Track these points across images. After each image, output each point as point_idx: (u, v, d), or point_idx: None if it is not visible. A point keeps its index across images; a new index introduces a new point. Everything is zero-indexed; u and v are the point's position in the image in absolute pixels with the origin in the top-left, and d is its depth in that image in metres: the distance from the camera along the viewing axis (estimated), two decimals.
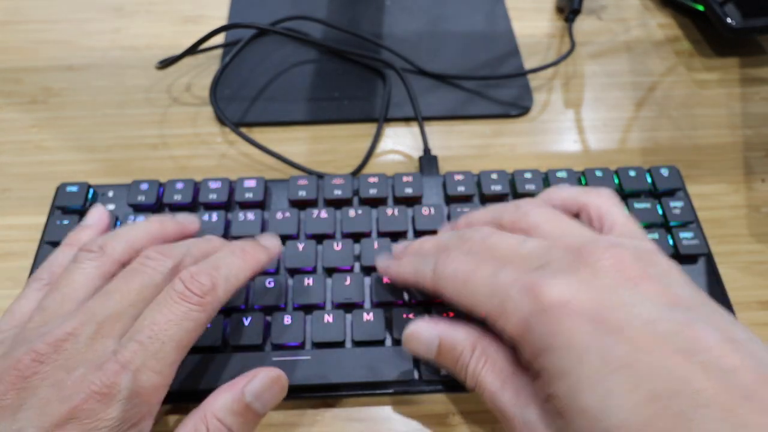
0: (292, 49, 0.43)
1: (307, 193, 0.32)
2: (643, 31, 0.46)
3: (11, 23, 0.46)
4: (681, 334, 0.18)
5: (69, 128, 0.39)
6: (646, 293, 0.20)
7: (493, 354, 0.23)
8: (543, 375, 0.20)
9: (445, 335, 0.24)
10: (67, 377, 0.19)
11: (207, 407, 0.22)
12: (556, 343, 0.19)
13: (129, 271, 0.23)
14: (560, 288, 0.20)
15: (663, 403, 0.17)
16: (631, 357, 0.18)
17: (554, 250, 0.22)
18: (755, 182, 0.37)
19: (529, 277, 0.21)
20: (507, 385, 0.22)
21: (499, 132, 0.39)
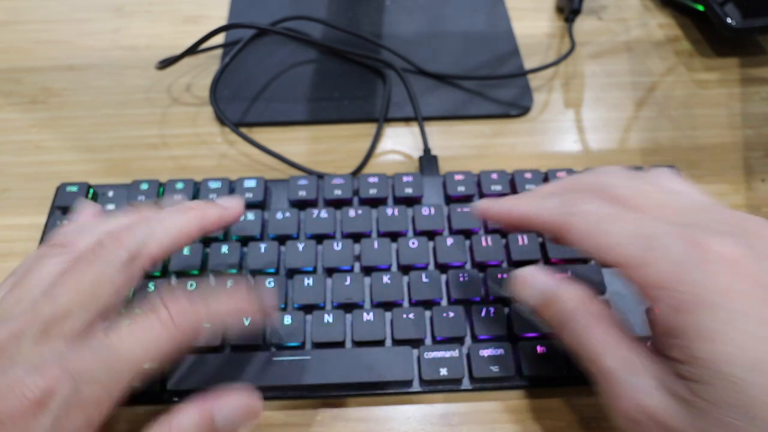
0: (292, 49, 0.43)
1: (307, 193, 0.32)
2: (643, 31, 0.46)
3: (11, 23, 0.46)
4: None
5: (69, 128, 0.39)
6: None
7: (604, 316, 0.21)
8: (686, 334, 0.18)
9: (560, 285, 0.22)
10: (3, 380, 0.18)
11: (172, 422, 0.20)
12: (713, 301, 0.17)
13: (82, 262, 0.21)
14: (729, 246, 0.18)
15: None
16: None
17: (710, 213, 0.20)
18: (755, 182, 0.37)
19: (690, 230, 0.19)
20: (615, 348, 0.20)
21: (499, 132, 0.39)
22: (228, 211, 0.25)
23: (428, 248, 0.31)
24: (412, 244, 0.30)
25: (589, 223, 0.21)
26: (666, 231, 0.19)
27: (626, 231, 0.20)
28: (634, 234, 0.20)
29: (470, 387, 0.27)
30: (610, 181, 0.23)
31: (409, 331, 0.28)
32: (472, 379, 0.27)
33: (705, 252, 0.18)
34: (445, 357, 0.27)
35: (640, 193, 0.22)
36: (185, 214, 0.24)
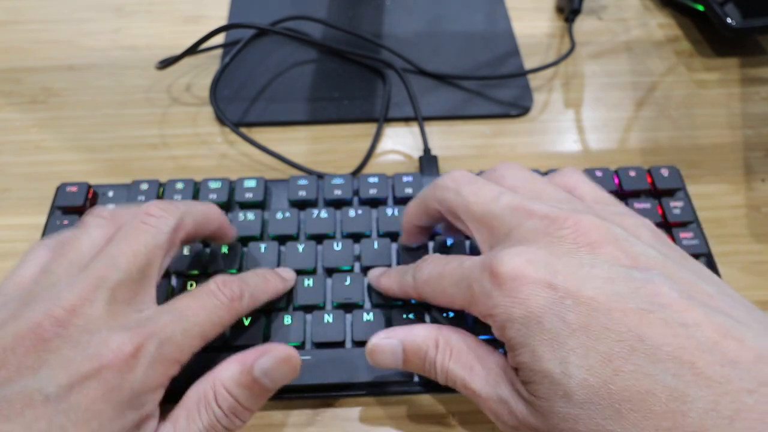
0: (292, 49, 0.43)
1: (307, 193, 0.32)
2: (643, 31, 0.46)
3: (11, 23, 0.46)
4: (639, 291, 0.18)
5: (69, 128, 0.39)
6: (605, 256, 0.20)
7: (456, 343, 0.23)
8: (509, 346, 0.20)
9: (407, 339, 0.24)
10: (91, 338, 0.20)
11: (216, 375, 0.22)
12: (516, 314, 0.20)
13: (131, 229, 0.23)
14: (513, 260, 0.20)
15: (621, 361, 0.17)
16: (588, 318, 0.18)
17: (519, 214, 0.22)
18: (755, 182, 0.37)
19: (488, 256, 0.21)
20: (475, 370, 0.22)
21: (499, 132, 0.39)
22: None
23: (428, 248, 0.31)
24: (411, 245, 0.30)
25: (430, 287, 0.24)
26: (472, 266, 0.22)
27: (451, 283, 0.23)
28: (455, 282, 0.22)
29: None
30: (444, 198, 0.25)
31: None
32: None
33: (496, 274, 0.20)
34: None
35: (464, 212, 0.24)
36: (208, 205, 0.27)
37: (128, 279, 0.21)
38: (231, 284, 0.24)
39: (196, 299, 0.23)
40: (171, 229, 0.23)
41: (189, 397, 0.22)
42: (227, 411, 0.22)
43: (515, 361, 0.20)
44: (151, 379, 0.20)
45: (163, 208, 0.24)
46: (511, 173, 0.25)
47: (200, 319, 0.22)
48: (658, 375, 0.17)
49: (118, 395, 0.19)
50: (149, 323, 0.21)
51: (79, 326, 0.20)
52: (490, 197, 0.23)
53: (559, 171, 0.27)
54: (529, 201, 0.22)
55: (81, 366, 0.19)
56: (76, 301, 0.20)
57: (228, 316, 0.23)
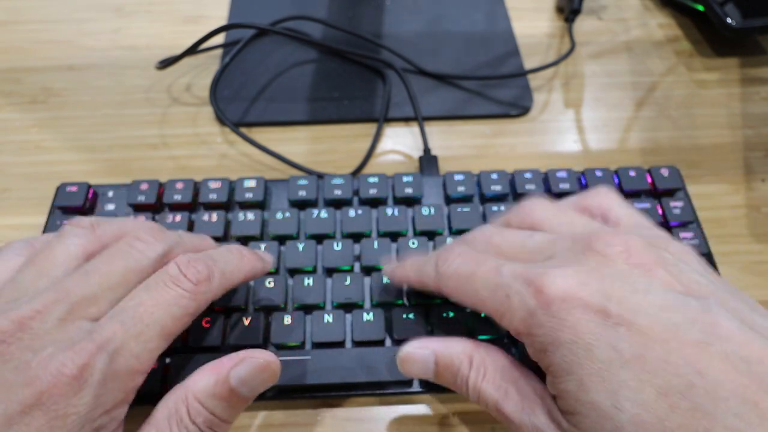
0: (292, 49, 0.43)
1: (307, 193, 0.32)
2: (643, 31, 0.46)
3: (11, 23, 0.46)
4: (697, 322, 0.17)
5: (69, 128, 0.39)
6: (659, 280, 0.19)
7: (492, 363, 0.22)
8: (551, 371, 0.19)
9: (441, 351, 0.23)
10: (33, 358, 0.18)
11: (188, 387, 0.20)
12: (562, 338, 0.18)
13: (114, 250, 0.21)
14: (564, 279, 0.19)
15: (678, 397, 0.16)
16: (643, 349, 0.17)
17: (561, 242, 0.21)
18: (755, 182, 0.37)
19: (532, 270, 0.20)
20: (510, 393, 0.21)
21: (499, 132, 0.39)
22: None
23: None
24: (412, 244, 0.30)
25: (456, 283, 0.23)
26: (513, 277, 0.20)
27: (484, 286, 0.21)
28: (491, 288, 0.21)
29: None
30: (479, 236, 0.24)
31: (409, 331, 0.28)
32: None
33: (543, 293, 0.19)
34: None
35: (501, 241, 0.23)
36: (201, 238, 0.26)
37: (94, 296, 0.20)
38: (195, 264, 0.21)
39: (151, 292, 0.20)
40: (157, 256, 0.22)
41: (158, 413, 0.20)
42: (202, 425, 0.20)
43: (558, 389, 0.19)
44: (105, 399, 0.18)
45: (153, 234, 0.22)
46: (539, 207, 0.24)
47: (157, 317, 0.20)
48: (718, 414, 0.16)
49: (64, 423, 0.17)
50: (96, 335, 0.19)
51: (24, 342, 0.18)
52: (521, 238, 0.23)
53: (591, 191, 0.25)
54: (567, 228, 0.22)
55: (20, 393, 0.17)
56: (28, 314, 0.18)
57: (194, 304, 0.21)
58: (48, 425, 0.17)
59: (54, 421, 0.17)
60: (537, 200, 0.25)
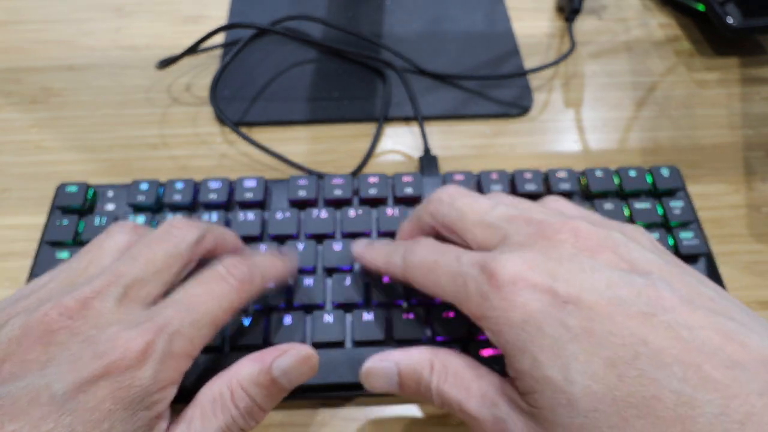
0: (292, 49, 0.43)
1: (307, 193, 0.32)
2: (643, 31, 0.46)
3: (11, 23, 0.46)
4: (641, 296, 0.18)
5: (69, 128, 0.39)
6: (606, 260, 0.20)
7: (452, 365, 0.22)
8: (507, 353, 0.20)
9: (402, 362, 0.23)
10: (99, 334, 0.19)
11: (233, 374, 0.22)
12: (513, 319, 0.19)
13: (154, 237, 0.23)
14: (514, 263, 0.20)
15: (625, 367, 0.17)
16: (590, 323, 0.18)
17: (516, 222, 0.22)
18: (755, 182, 0.37)
19: (486, 255, 0.21)
20: (472, 391, 0.21)
21: (499, 132, 0.39)
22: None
23: None
24: None
25: (421, 274, 0.23)
26: (470, 263, 0.21)
27: (445, 275, 0.22)
28: (452, 276, 0.22)
29: None
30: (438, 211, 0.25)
31: (409, 331, 0.28)
32: None
33: (495, 276, 0.20)
34: None
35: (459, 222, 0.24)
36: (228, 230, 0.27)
37: (143, 279, 0.21)
38: (240, 266, 0.23)
39: (203, 285, 0.22)
40: (193, 241, 0.23)
41: (203, 396, 0.21)
42: (243, 411, 0.21)
43: (514, 369, 0.20)
44: (162, 376, 0.20)
45: (187, 222, 0.24)
46: (498, 195, 0.25)
47: (209, 307, 0.22)
48: (663, 379, 0.16)
49: (128, 395, 0.19)
50: (157, 317, 0.20)
51: (89, 320, 0.20)
52: (485, 208, 0.23)
53: (546, 198, 0.26)
54: (525, 211, 0.22)
55: (89, 364, 0.18)
56: (89, 294, 0.20)
57: (239, 299, 0.23)
58: (112, 395, 0.18)
59: (118, 391, 0.18)
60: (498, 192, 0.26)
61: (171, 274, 0.22)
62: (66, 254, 0.30)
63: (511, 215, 0.22)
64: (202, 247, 0.24)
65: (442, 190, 0.25)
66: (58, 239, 0.31)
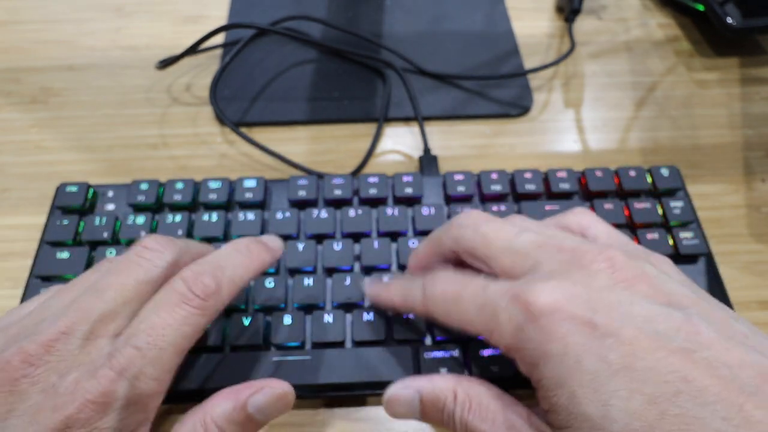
0: (292, 49, 0.43)
1: (307, 193, 0.32)
2: (643, 31, 0.46)
3: (11, 23, 0.46)
4: (680, 332, 0.18)
5: (69, 128, 0.39)
6: (643, 293, 0.19)
7: (476, 395, 0.22)
8: (542, 385, 0.19)
9: (424, 390, 0.23)
10: (60, 382, 0.18)
11: (207, 411, 0.21)
12: (551, 351, 0.19)
13: (124, 263, 0.22)
14: (551, 293, 0.19)
15: (666, 404, 0.16)
16: (630, 358, 0.17)
17: (546, 249, 0.21)
18: (755, 182, 0.37)
19: (518, 285, 0.20)
20: (497, 423, 0.21)
21: (499, 132, 0.39)
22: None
23: None
24: (412, 244, 0.30)
25: (444, 306, 0.23)
26: (500, 293, 0.21)
27: (472, 305, 0.21)
28: (478, 306, 0.21)
29: None
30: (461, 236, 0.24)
31: (409, 331, 0.28)
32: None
33: (530, 307, 0.19)
34: (445, 357, 0.27)
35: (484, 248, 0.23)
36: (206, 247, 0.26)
37: (112, 312, 0.20)
38: (202, 278, 0.22)
39: (163, 313, 0.21)
40: (167, 264, 0.22)
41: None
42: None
43: (549, 403, 0.19)
44: (128, 420, 0.19)
45: (160, 242, 0.23)
46: (520, 220, 0.24)
47: (171, 339, 0.20)
48: (706, 418, 0.16)
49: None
50: (116, 360, 0.19)
51: (51, 365, 0.19)
52: (511, 234, 0.22)
53: (569, 211, 0.25)
54: (553, 238, 0.22)
55: (49, 417, 0.18)
56: (53, 336, 0.19)
57: (205, 319, 0.21)
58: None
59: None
60: (519, 216, 0.25)
61: (141, 302, 0.21)
62: (66, 254, 0.30)
63: (541, 242, 0.22)
64: (177, 269, 0.23)
65: (464, 216, 0.24)
66: (58, 239, 0.31)
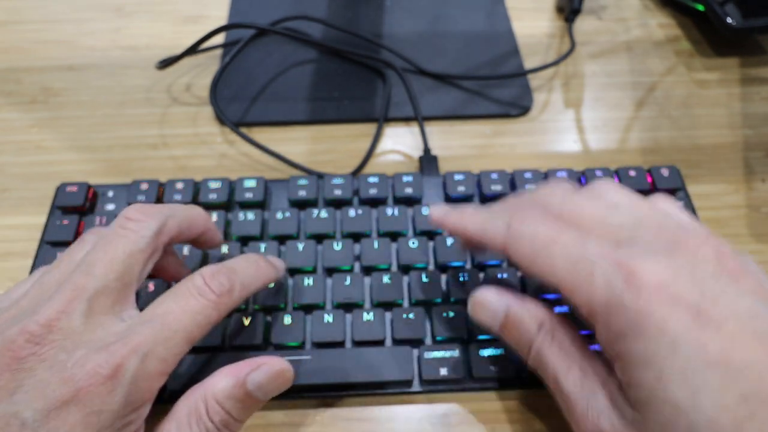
0: (292, 49, 0.43)
1: (307, 193, 0.32)
2: (643, 31, 0.46)
3: (11, 23, 0.46)
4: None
5: (69, 128, 0.39)
6: (748, 288, 0.19)
7: (561, 334, 0.21)
8: (625, 359, 0.19)
9: (514, 307, 0.22)
10: (68, 358, 0.19)
11: (207, 388, 0.21)
12: (647, 328, 0.18)
13: (110, 237, 0.22)
14: (658, 269, 0.18)
15: (758, 404, 0.16)
16: (729, 353, 0.17)
17: (646, 227, 0.21)
18: (755, 182, 0.37)
19: (623, 252, 0.19)
20: (572, 368, 0.21)
21: (499, 132, 0.39)
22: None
23: (428, 248, 0.31)
24: (412, 244, 0.30)
25: (531, 247, 0.22)
26: (601, 254, 0.20)
27: (564, 256, 0.21)
28: (571, 260, 0.20)
29: (470, 387, 0.27)
30: (552, 199, 0.23)
31: (409, 330, 0.28)
32: (472, 379, 0.27)
33: (635, 277, 0.18)
34: (445, 357, 0.27)
35: (580, 211, 0.22)
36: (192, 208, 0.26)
37: (106, 287, 0.21)
38: (219, 276, 0.23)
39: (179, 301, 0.21)
40: (153, 233, 0.22)
41: (179, 410, 0.21)
42: (219, 424, 0.21)
43: (631, 377, 0.18)
44: (133, 398, 0.19)
45: (143, 211, 0.23)
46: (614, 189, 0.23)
47: (184, 324, 0.21)
48: None
49: (98, 419, 0.18)
50: (128, 338, 0.20)
51: (56, 342, 0.19)
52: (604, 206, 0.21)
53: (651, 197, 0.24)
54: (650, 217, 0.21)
55: (57, 390, 0.18)
56: (53, 315, 0.19)
57: (216, 314, 0.22)
58: (83, 421, 0.18)
59: (89, 417, 0.18)
60: (611, 184, 0.24)
61: (134, 273, 0.22)
62: None
63: (638, 217, 0.21)
64: (165, 236, 0.23)
65: (555, 184, 0.23)
66: (58, 239, 0.31)
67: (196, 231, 0.26)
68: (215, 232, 0.27)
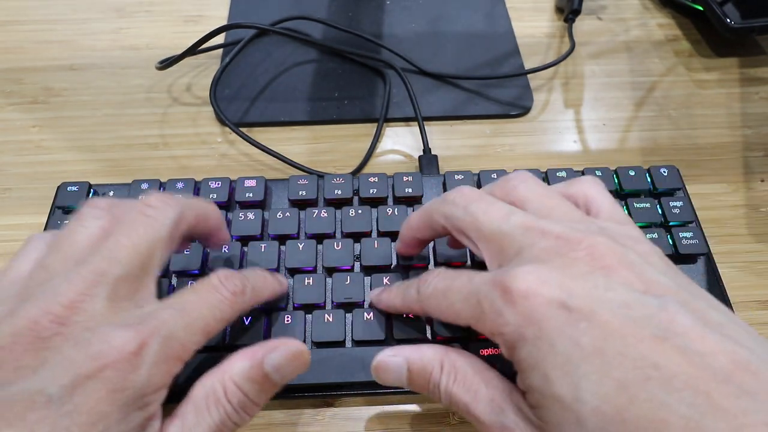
0: (292, 49, 0.43)
1: (307, 192, 0.33)
2: (642, 31, 0.46)
3: (12, 23, 0.46)
4: (654, 318, 0.18)
5: (69, 128, 0.39)
6: (621, 280, 0.19)
7: (462, 366, 0.22)
8: (520, 368, 0.20)
9: (412, 358, 0.23)
10: (93, 336, 0.19)
11: (226, 370, 0.22)
12: (527, 334, 0.19)
13: (131, 223, 0.22)
14: (528, 277, 0.20)
15: (636, 389, 0.17)
16: (603, 343, 0.18)
17: (532, 235, 0.22)
18: (755, 182, 0.37)
19: (500, 272, 0.21)
20: (480, 395, 0.21)
21: (499, 132, 0.39)
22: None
23: (428, 247, 0.31)
24: None
25: (436, 301, 0.23)
26: (482, 282, 0.21)
27: (459, 297, 0.22)
28: (464, 297, 0.22)
29: None
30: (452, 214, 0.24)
31: (409, 330, 0.28)
32: None
33: (508, 291, 0.20)
34: None
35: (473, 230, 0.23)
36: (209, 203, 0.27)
37: (129, 274, 0.21)
38: (233, 278, 0.23)
39: (198, 294, 0.22)
40: (172, 222, 0.23)
41: (196, 393, 0.21)
42: (237, 406, 0.21)
43: (525, 384, 0.20)
44: (155, 378, 0.20)
45: (163, 200, 0.23)
46: (524, 185, 0.24)
47: (203, 314, 0.22)
48: (673, 404, 0.16)
49: (122, 396, 0.19)
50: (151, 319, 0.20)
51: (80, 323, 0.19)
52: (500, 215, 0.23)
53: (578, 179, 0.25)
54: (542, 220, 0.22)
55: (83, 365, 0.18)
56: (76, 297, 0.19)
57: (230, 311, 0.23)
58: (107, 397, 0.18)
59: (113, 393, 0.18)
60: (525, 176, 0.25)
61: (155, 261, 0.22)
62: None
63: (527, 225, 0.22)
64: (183, 224, 0.24)
65: (456, 192, 0.25)
66: None
67: (209, 225, 0.26)
68: (225, 229, 0.28)
